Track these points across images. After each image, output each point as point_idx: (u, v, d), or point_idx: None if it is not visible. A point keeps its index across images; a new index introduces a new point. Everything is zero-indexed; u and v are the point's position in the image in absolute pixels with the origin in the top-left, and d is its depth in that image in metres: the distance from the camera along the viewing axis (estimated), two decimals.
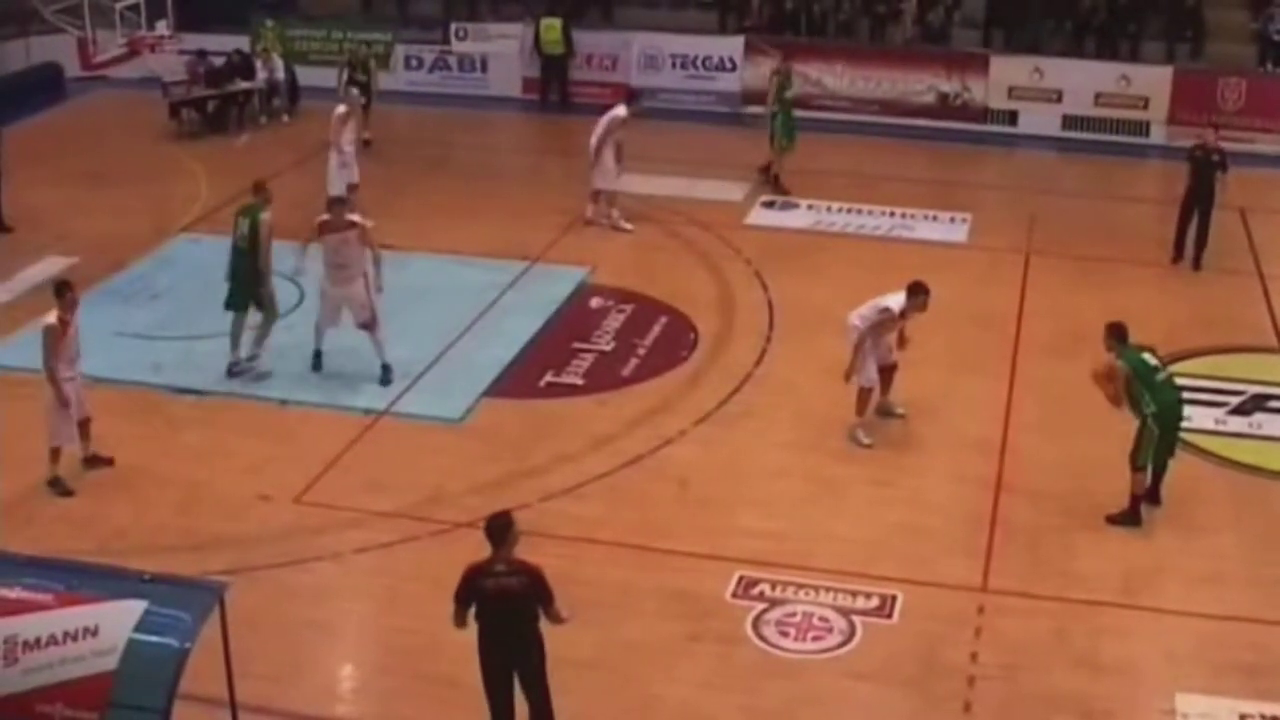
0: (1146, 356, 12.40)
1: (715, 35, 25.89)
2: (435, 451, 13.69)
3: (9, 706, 8.40)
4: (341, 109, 18.96)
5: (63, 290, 13.08)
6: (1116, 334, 12.46)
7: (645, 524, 12.49)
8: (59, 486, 13.06)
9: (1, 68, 25.73)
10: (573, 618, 9.30)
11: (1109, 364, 12.32)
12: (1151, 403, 12.23)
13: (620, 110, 19.63)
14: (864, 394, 13.76)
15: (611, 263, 18.06)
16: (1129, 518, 12.44)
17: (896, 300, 13.51)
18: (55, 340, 12.86)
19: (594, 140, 19.38)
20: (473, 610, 9.15)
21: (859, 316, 13.62)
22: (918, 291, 13.49)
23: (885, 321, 13.61)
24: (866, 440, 13.77)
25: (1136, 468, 12.42)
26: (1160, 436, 12.30)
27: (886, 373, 14.02)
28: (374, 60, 24.08)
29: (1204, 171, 17.93)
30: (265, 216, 15.17)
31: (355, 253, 14.70)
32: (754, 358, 15.63)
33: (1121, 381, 12.26)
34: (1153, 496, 12.63)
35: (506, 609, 9.14)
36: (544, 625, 9.25)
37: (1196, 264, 18.04)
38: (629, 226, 19.26)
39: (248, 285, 15.09)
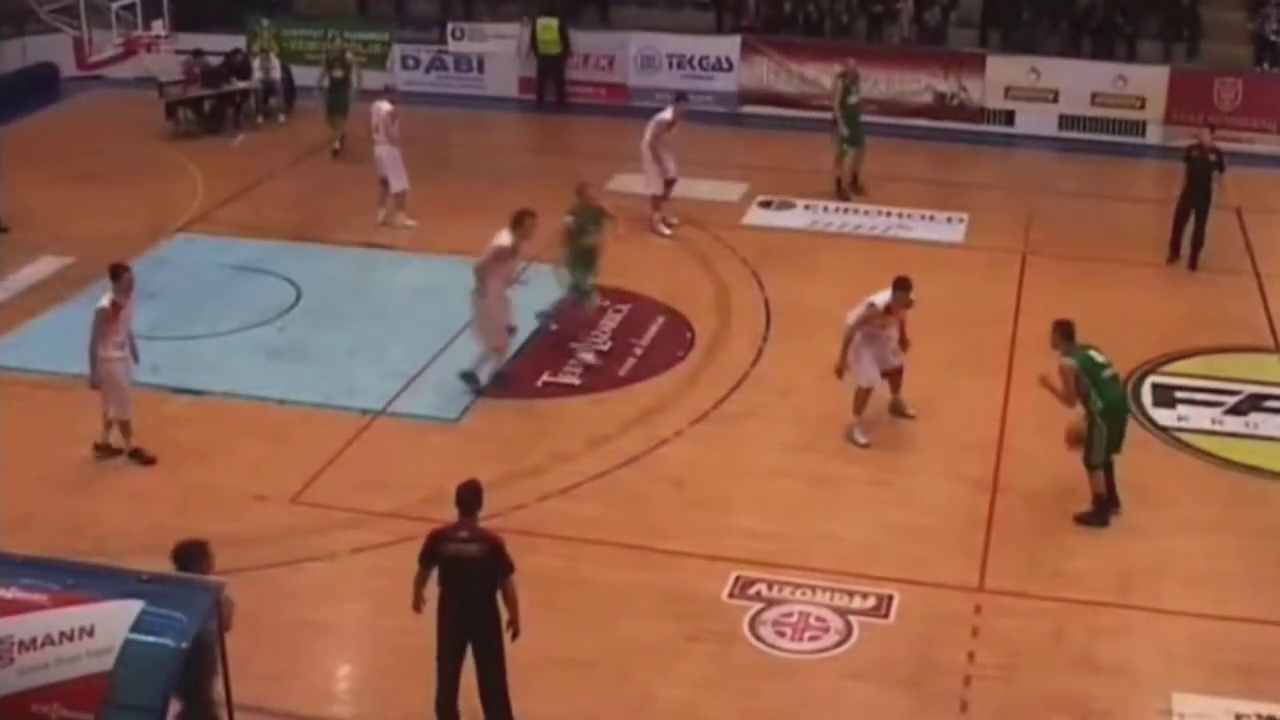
0: (1093, 353, 12.48)
1: (712, 35, 25.88)
2: (432, 451, 13.68)
3: (5, 707, 8.39)
4: (387, 106, 18.80)
5: (119, 273, 13.25)
6: (1064, 331, 12.54)
7: (642, 524, 12.48)
8: (140, 456, 13.34)
9: None
10: (519, 625, 9.48)
11: (1060, 366, 12.35)
12: (1099, 399, 12.31)
13: (666, 113, 19.48)
14: (861, 394, 13.78)
15: (608, 263, 18.00)
16: (1095, 517, 12.47)
17: (882, 296, 13.58)
18: (106, 322, 13.06)
19: (644, 145, 19.21)
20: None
21: (851, 314, 13.68)
22: (900, 286, 13.55)
23: (872, 317, 13.65)
24: (863, 440, 13.78)
25: (1092, 467, 12.49)
26: (1107, 432, 12.36)
27: (894, 375, 14.09)
28: (351, 55, 23.75)
29: (1200, 172, 17.95)
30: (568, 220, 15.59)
31: None
32: (751, 358, 15.63)
33: (1072, 380, 12.31)
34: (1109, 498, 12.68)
35: (464, 576, 9.39)
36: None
37: (1193, 264, 18.05)
38: (667, 232, 19.21)
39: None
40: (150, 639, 8.32)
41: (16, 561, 8.98)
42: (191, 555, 9.07)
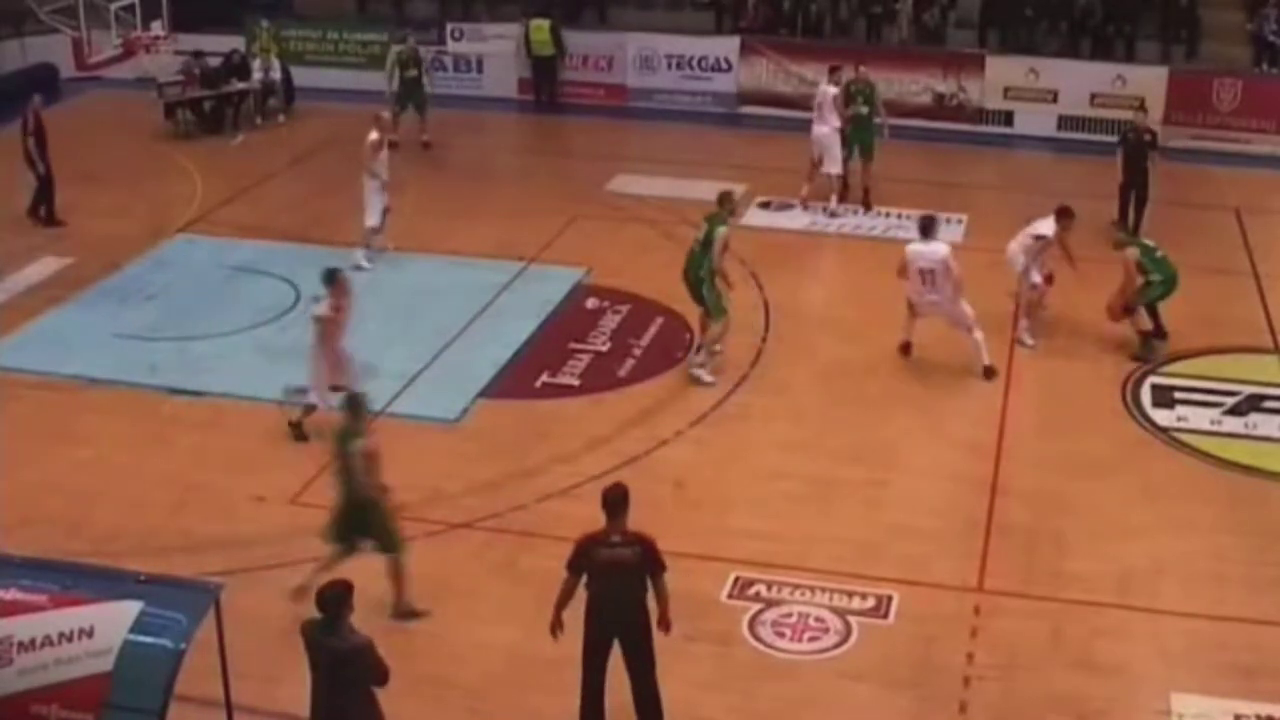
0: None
1: (711, 36, 25.89)
2: (432, 452, 13.67)
3: (4, 708, 8.40)
4: (374, 135, 17.98)
5: (334, 276, 13.43)
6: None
7: (641, 525, 12.26)
8: (299, 431, 13.58)
9: None
10: (670, 620, 9.57)
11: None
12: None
13: (833, 88, 20.02)
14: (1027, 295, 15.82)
15: (607, 263, 18.05)
16: None
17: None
18: (334, 326, 13.33)
19: (827, 128, 19.78)
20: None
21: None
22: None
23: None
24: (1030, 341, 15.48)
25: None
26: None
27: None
28: (422, 52, 23.84)
29: (1136, 152, 18.59)
30: (723, 230, 14.86)
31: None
32: (750, 358, 15.62)
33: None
34: None
35: (617, 579, 9.37)
36: None
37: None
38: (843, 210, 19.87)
39: (692, 285, 15.06)
40: (149, 640, 8.35)
41: (15, 562, 8.99)
42: (340, 598, 8.49)
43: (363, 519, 10.92)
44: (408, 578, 11.06)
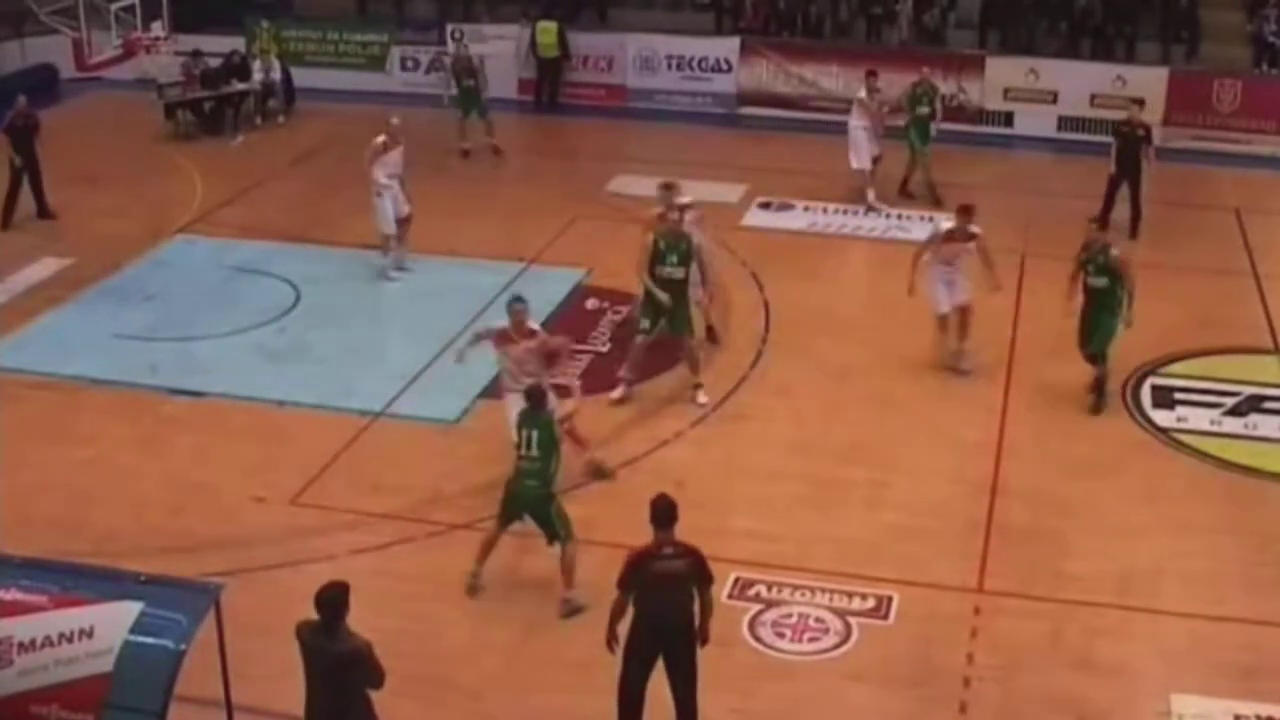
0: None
1: (711, 36, 25.90)
2: (431, 453, 13.67)
3: (4, 708, 8.40)
4: (380, 139, 17.47)
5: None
6: None
7: (641, 525, 12.32)
8: (601, 473, 13.24)
9: None
10: (709, 632, 9.58)
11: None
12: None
13: (863, 92, 20.41)
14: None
15: (607, 264, 18.01)
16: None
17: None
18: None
19: (853, 123, 20.25)
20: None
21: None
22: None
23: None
24: (967, 367, 15.04)
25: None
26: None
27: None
28: (479, 61, 23.47)
29: (1130, 145, 18.80)
30: (648, 238, 14.76)
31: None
32: (750, 359, 15.63)
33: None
34: None
35: (669, 590, 9.33)
36: None
37: (1133, 234, 18.51)
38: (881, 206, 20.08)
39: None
40: (150, 641, 8.35)
41: (15, 563, 8.99)
42: (337, 600, 8.43)
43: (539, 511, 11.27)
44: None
